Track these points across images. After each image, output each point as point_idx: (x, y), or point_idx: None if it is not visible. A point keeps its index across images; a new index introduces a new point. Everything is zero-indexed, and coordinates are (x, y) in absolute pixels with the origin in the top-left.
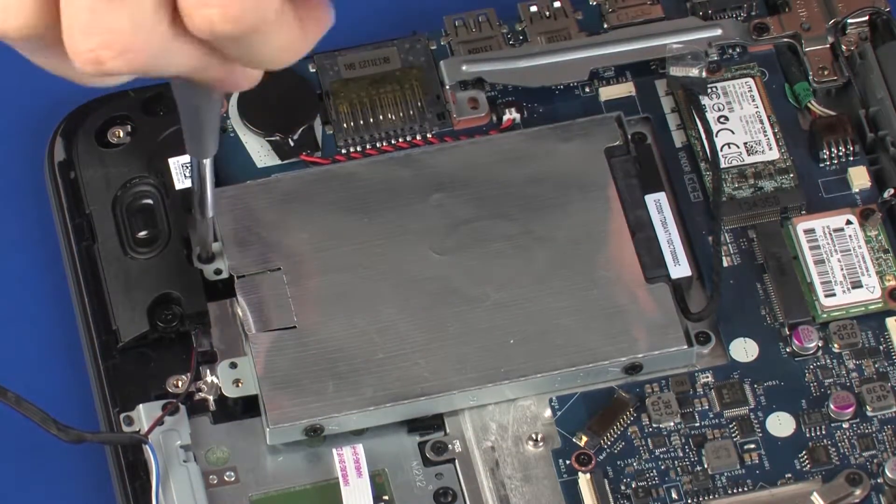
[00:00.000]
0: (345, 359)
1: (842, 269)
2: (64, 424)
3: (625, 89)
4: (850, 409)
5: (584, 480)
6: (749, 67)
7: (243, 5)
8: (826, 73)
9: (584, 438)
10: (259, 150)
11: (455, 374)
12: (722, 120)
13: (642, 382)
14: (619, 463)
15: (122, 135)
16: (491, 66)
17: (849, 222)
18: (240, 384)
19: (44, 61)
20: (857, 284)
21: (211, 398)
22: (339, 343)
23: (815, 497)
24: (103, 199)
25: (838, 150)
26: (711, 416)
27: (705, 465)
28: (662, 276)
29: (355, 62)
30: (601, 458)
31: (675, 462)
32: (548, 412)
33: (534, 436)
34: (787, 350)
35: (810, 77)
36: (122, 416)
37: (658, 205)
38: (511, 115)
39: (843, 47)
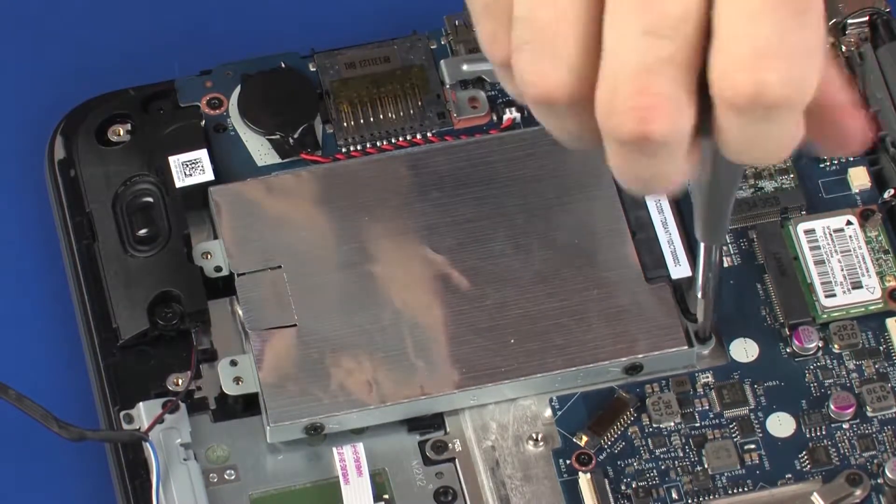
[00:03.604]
0: (345, 357)
1: (842, 270)
2: (64, 422)
3: None
4: (851, 410)
5: (584, 480)
6: None
7: (800, 72)
8: None
9: (585, 438)
10: (259, 149)
11: (455, 374)
12: None
13: (642, 382)
14: (619, 463)
15: (122, 133)
16: (491, 65)
17: (849, 223)
18: (240, 382)
19: (556, 122)
20: (857, 285)
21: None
22: (339, 341)
23: (816, 497)
24: (103, 198)
25: None
26: (711, 416)
27: (705, 466)
28: (663, 277)
29: (356, 61)
30: (601, 457)
31: (676, 462)
32: (548, 412)
33: (534, 435)
34: (788, 350)
35: None
36: (122, 413)
37: (658, 205)
38: (511, 114)
39: (843, 48)
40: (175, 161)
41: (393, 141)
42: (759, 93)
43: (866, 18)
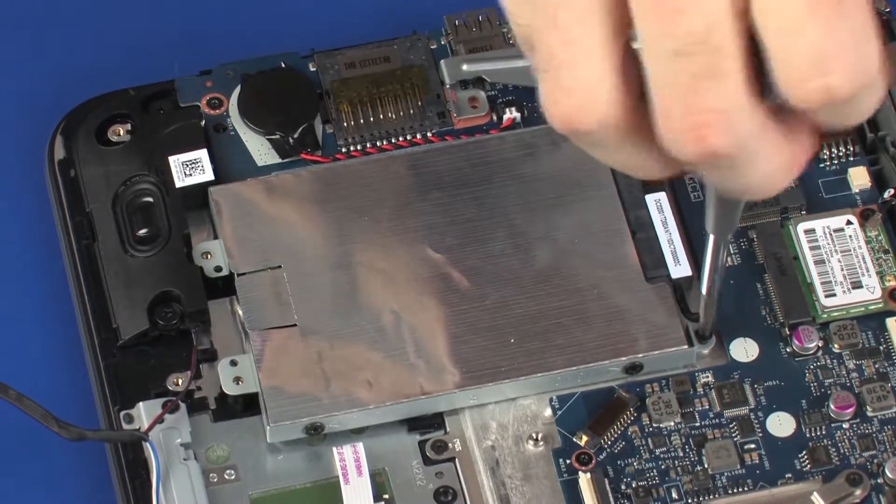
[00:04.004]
0: (345, 357)
1: (842, 270)
2: (64, 422)
3: None
4: (851, 410)
5: (584, 480)
6: None
7: (860, 59)
8: None
9: (585, 438)
10: (259, 149)
11: (455, 373)
12: None
13: (642, 382)
14: (619, 462)
15: (122, 133)
16: (491, 65)
17: (849, 222)
18: (240, 382)
19: (598, 153)
20: (857, 285)
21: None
22: (339, 341)
23: (816, 497)
24: (103, 198)
25: (838, 150)
26: (711, 416)
27: (705, 465)
28: (663, 276)
29: (356, 61)
30: (601, 457)
31: (676, 462)
32: (548, 411)
33: (534, 435)
34: (788, 350)
35: None
36: (122, 413)
37: (658, 204)
38: (511, 114)
39: None
40: (175, 161)
41: (393, 141)
42: (829, 97)
43: None
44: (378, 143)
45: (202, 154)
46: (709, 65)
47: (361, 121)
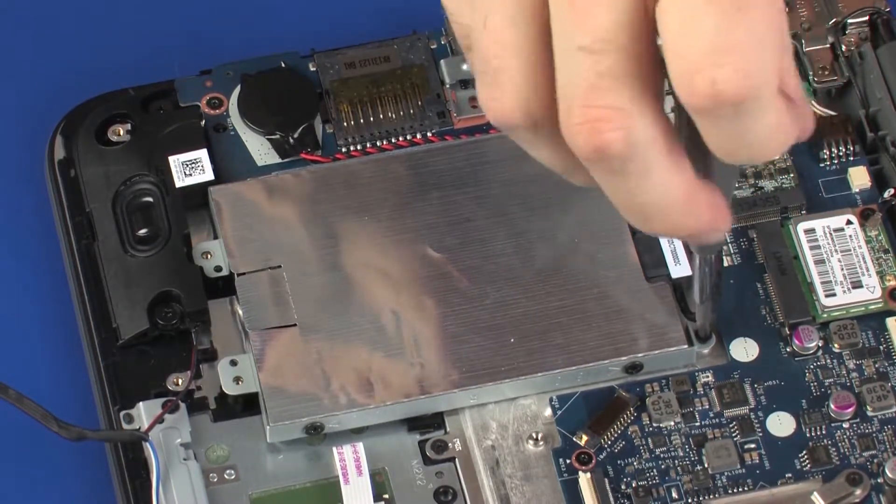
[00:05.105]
0: (345, 357)
1: (842, 269)
2: (64, 422)
3: None
4: (851, 409)
5: (584, 480)
6: None
7: (753, 63)
8: (826, 73)
9: (585, 438)
10: (259, 149)
11: (455, 373)
12: None
13: (642, 382)
14: (619, 462)
15: (122, 133)
16: None
17: (849, 222)
18: (240, 382)
19: (529, 148)
20: (857, 284)
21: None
22: (339, 341)
23: (816, 497)
24: (103, 197)
25: (838, 150)
26: (712, 415)
27: (705, 465)
28: (663, 276)
29: (356, 61)
30: (601, 457)
31: (676, 461)
32: (548, 411)
33: (534, 435)
34: (788, 350)
35: (810, 77)
36: (122, 413)
37: None
38: None
39: (843, 47)
40: (175, 161)
41: (393, 141)
42: (715, 91)
43: (866, 18)
44: (378, 143)
45: (202, 154)
46: (612, 63)
47: (361, 121)
